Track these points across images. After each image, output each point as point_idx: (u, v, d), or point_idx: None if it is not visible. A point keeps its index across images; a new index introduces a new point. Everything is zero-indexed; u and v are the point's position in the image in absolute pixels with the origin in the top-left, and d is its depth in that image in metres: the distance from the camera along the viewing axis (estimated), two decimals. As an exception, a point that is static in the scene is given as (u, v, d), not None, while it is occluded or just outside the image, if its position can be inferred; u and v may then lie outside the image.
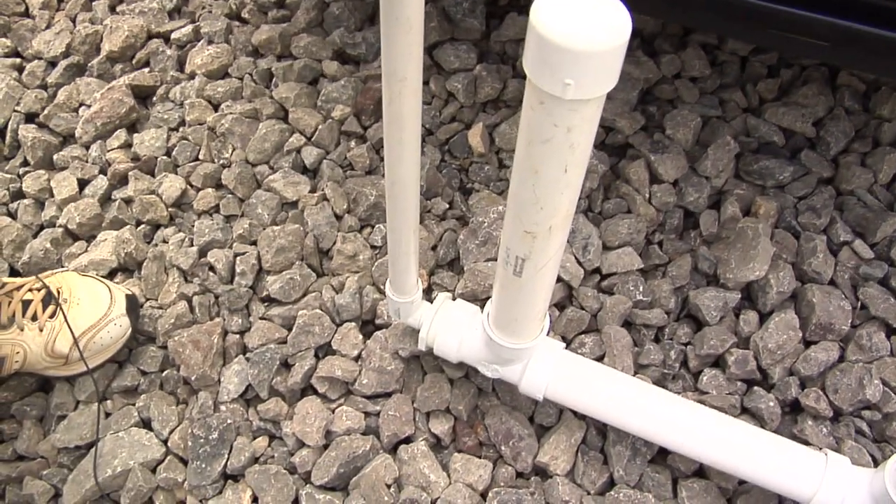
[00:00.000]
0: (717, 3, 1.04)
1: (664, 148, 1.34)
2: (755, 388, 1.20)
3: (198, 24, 1.60)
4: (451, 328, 1.11)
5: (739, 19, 1.07)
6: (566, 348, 1.20)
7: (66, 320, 1.17)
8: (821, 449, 1.07)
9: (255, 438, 1.21)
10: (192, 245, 1.34)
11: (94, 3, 1.69)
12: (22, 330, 1.16)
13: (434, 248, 1.30)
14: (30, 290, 1.19)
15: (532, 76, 0.66)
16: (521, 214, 0.83)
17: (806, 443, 1.14)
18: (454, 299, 1.16)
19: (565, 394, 1.10)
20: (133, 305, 1.25)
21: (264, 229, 1.32)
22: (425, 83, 1.46)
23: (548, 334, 1.12)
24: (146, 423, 1.22)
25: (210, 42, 1.57)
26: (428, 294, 1.27)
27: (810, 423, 1.17)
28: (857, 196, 1.35)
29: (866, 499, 1.01)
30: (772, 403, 1.17)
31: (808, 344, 1.23)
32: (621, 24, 0.61)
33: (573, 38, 0.61)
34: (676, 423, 1.08)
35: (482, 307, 1.13)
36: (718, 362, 1.22)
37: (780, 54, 1.48)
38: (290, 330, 1.25)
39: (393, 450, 1.18)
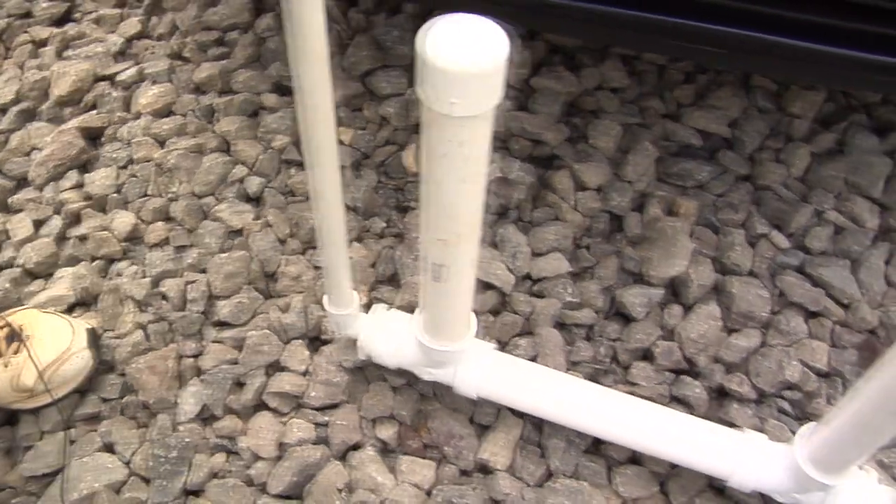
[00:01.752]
0: (607, 17, 1.12)
1: (587, 156, 1.42)
2: (683, 376, 1.27)
3: (142, 65, 1.67)
4: (387, 336, 1.18)
5: (631, 31, 1.15)
6: (502, 351, 1.27)
7: (30, 355, 1.23)
8: (741, 429, 1.14)
9: (213, 455, 1.26)
10: (145, 276, 1.40)
11: (41, 50, 1.76)
12: (-13, 367, 1.22)
13: (373, 265, 1.36)
14: (-7, 328, 1.25)
15: (423, 98, 0.74)
16: (432, 224, 0.90)
17: (733, 425, 1.21)
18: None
19: (498, 392, 1.17)
20: (94, 339, 1.31)
21: (213, 257, 1.39)
22: (359, 110, 1.53)
23: (477, 336, 1.19)
24: (109, 448, 1.27)
25: (154, 82, 1.64)
26: (369, 309, 1.33)
27: (736, 406, 1.24)
28: (773, 190, 1.43)
29: (780, 471, 1.08)
30: (698, 390, 1.25)
31: (731, 332, 1.30)
32: (498, 47, 0.70)
33: (454, 61, 0.70)
34: (606, 414, 1.15)
35: (417, 316, 1.20)
36: (647, 355, 1.29)
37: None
38: (241, 350, 1.31)
39: (343, 457, 1.24)
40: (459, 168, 0.83)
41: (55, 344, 1.26)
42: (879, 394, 0.87)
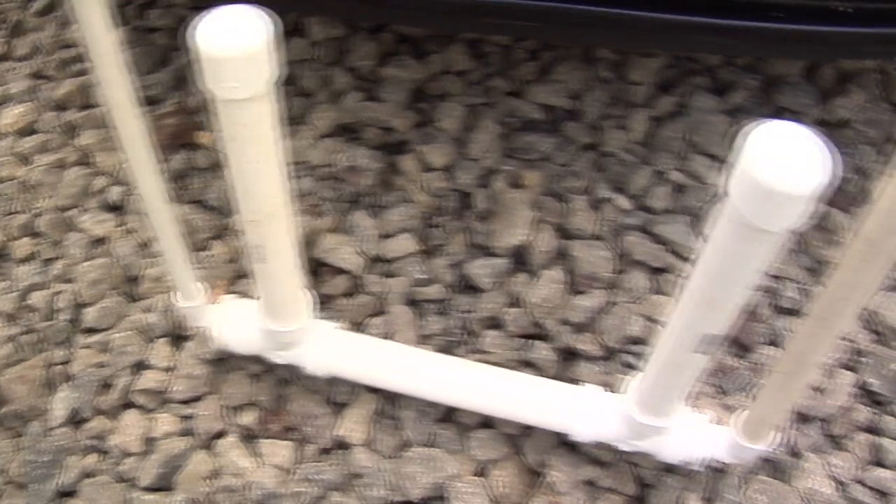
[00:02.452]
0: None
1: (433, 138, 1.47)
2: (533, 341, 1.32)
3: (6, 86, 1.71)
4: (236, 324, 1.23)
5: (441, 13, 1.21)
6: (358, 332, 1.32)
7: None
8: (582, 384, 1.19)
9: (85, 456, 1.30)
10: (12, 291, 1.43)
11: None
12: None
13: (232, 260, 1.41)
14: None
15: (207, 86, 0.81)
16: (242, 206, 0.96)
17: (581, 383, 1.26)
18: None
19: (346, 369, 1.22)
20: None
21: (78, 266, 1.43)
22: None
23: (331, 319, 1.24)
24: (-15, 459, 1.32)
25: (18, 102, 1.67)
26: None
27: (585, 364, 1.30)
28: (615, 155, 1.49)
29: (616, 419, 1.14)
30: (546, 352, 1.30)
31: (577, 294, 1.36)
32: (259, 32, 0.78)
33: (221, 49, 0.78)
34: (450, 383, 1.21)
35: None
36: (497, 323, 1.35)
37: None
38: (108, 353, 1.35)
39: (208, 446, 1.29)
40: (250, 150, 0.89)
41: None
42: (675, 333, 0.93)
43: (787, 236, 0.73)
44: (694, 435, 1.14)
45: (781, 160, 0.67)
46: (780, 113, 1.57)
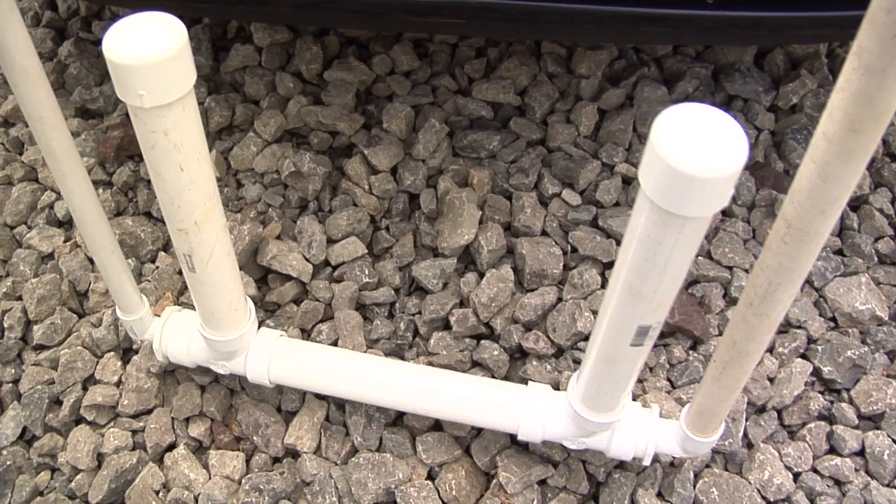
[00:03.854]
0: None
1: (378, 141, 1.46)
2: (483, 341, 1.31)
3: (-47, 104, 1.70)
4: (179, 335, 1.22)
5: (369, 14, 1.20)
6: (306, 339, 1.31)
7: None
8: (531, 383, 1.18)
9: (36, 474, 1.30)
10: (-39, 311, 1.43)
11: None
12: None
13: (181, 272, 1.40)
14: None
15: (119, 94, 0.80)
16: (167, 214, 0.95)
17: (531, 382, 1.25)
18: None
19: (289, 376, 1.21)
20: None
21: (27, 283, 1.42)
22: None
23: (276, 327, 1.23)
24: (-64, 483, 1.31)
25: (-37, 119, 1.67)
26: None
27: (535, 363, 1.29)
28: (563, 150, 1.48)
29: (563, 417, 1.13)
30: (496, 352, 1.29)
31: (527, 292, 1.35)
32: (172, 37, 0.77)
33: (131, 56, 0.77)
34: (399, 387, 1.19)
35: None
36: (446, 324, 1.34)
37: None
38: (57, 370, 1.34)
39: (160, 459, 1.28)
40: (173, 156, 0.87)
41: None
42: (608, 327, 0.91)
43: (706, 222, 0.72)
44: (642, 430, 1.14)
45: (691, 143, 0.66)
46: (731, 101, 1.56)
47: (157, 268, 1.40)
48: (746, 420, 1.25)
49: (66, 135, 0.95)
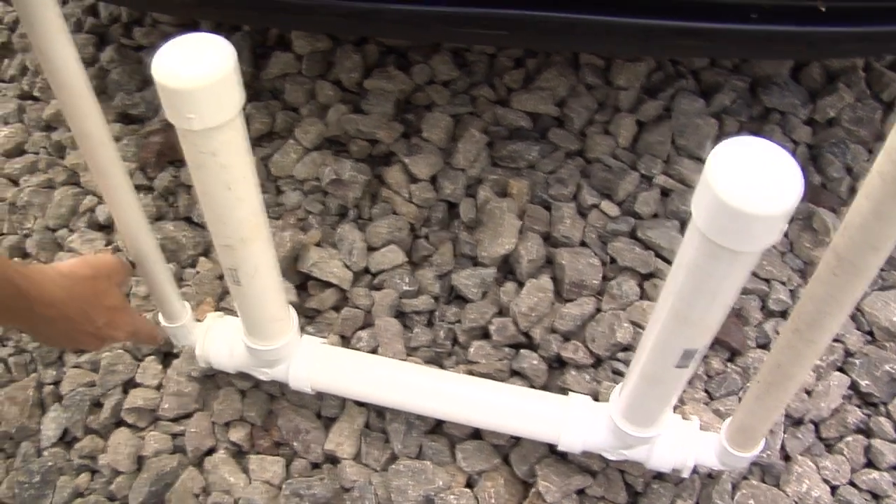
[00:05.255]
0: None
1: (418, 149, 1.47)
2: (522, 350, 1.32)
3: (-5, 108, 1.72)
4: (222, 342, 1.23)
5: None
6: (345, 346, 1.32)
7: None
8: (570, 393, 1.19)
9: (77, 476, 1.31)
10: (3, 313, 1.44)
11: None
12: None
13: (221, 277, 1.41)
14: None
15: (168, 117, 0.81)
16: (214, 232, 0.96)
17: (570, 392, 1.25)
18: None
19: (331, 384, 1.22)
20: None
21: (68, 287, 1.43)
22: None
23: (317, 334, 1.24)
24: (-23, 482, 1.32)
25: (5, 123, 1.68)
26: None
27: (573, 373, 1.30)
28: (602, 161, 1.49)
29: (603, 429, 1.14)
30: (535, 362, 1.30)
31: (566, 302, 1.35)
32: (221, 61, 0.77)
33: (180, 80, 0.77)
34: (439, 395, 1.20)
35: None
36: (485, 333, 1.34)
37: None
38: (98, 373, 1.36)
39: (199, 463, 1.29)
40: (220, 177, 0.88)
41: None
42: (653, 349, 0.92)
43: (757, 256, 0.72)
44: (682, 443, 1.14)
45: (745, 179, 0.65)
46: (768, 113, 1.57)
47: (198, 272, 1.41)
48: (784, 432, 1.25)
49: (113, 151, 0.95)
